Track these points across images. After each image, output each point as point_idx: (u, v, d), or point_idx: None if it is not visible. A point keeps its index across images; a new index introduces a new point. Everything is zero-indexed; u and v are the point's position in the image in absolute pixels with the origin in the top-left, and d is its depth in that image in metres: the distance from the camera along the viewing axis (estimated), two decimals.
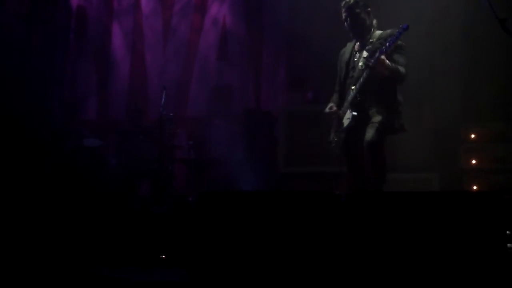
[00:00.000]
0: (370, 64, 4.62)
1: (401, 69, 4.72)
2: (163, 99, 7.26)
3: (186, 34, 8.91)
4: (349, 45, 5.09)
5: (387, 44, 4.60)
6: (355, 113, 4.78)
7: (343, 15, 4.95)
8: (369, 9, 4.95)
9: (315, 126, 5.28)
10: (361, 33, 4.94)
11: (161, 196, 6.96)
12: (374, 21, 4.96)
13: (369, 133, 4.69)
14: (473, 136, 6.64)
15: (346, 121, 4.85)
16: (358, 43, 4.99)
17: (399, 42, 4.72)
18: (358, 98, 4.78)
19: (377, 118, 4.70)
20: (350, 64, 4.97)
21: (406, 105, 4.92)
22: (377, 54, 4.61)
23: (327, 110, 5.05)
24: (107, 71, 9.13)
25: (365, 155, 4.69)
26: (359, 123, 4.76)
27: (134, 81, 9.03)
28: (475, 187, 6.45)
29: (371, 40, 4.87)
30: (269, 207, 3.26)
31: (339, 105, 5.01)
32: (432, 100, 6.82)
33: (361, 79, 4.72)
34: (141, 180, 7.50)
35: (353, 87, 4.82)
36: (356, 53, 4.95)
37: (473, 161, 6.56)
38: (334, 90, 5.21)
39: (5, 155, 7.20)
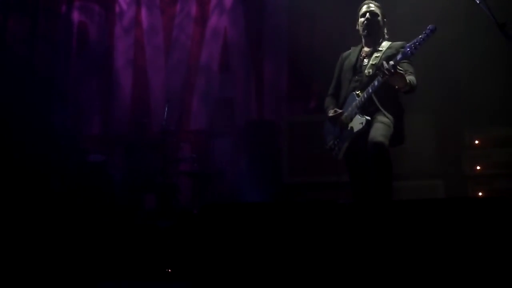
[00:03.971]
0: (385, 68, 4.40)
1: (413, 79, 4.61)
2: (165, 113, 7.28)
3: (187, 46, 8.93)
4: (355, 50, 5.04)
5: (413, 45, 4.40)
6: (368, 118, 4.63)
7: (364, 16, 4.89)
8: (385, 19, 4.96)
9: (318, 135, 5.22)
10: (374, 40, 4.90)
11: (166, 209, 6.94)
12: (385, 31, 4.95)
13: (376, 133, 4.54)
14: (477, 142, 6.60)
15: (356, 126, 4.70)
16: (365, 48, 4.95)
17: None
18: (367, 104, 4.68)
19: (384, 119, 4.60)
20: (356, 68, 4.91)
21: (408, 112, 4.89)
22: (398, 57, 4.47)
23: (331, 114, 4.93)
24: (109, 86, 9.14)
25: (370, 159, 4.51)
26: (368, 128, 4.64)
27: (137, 95, 9.03)
28: (480, 193, 6.41)
29: (380, 49, 4.84)
30: (273, 218, 3.24)
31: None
32: (435, 106, 6.79)
33: (375, 83, 4.57)
34: (146, 193, 7.49)
35: (358, 92, 4.76)
36: (363, 58, 4.91)
37: (478, 167, 6.51)
38: (328, 93, 5.17)
39: (9, 172, 7.19)
